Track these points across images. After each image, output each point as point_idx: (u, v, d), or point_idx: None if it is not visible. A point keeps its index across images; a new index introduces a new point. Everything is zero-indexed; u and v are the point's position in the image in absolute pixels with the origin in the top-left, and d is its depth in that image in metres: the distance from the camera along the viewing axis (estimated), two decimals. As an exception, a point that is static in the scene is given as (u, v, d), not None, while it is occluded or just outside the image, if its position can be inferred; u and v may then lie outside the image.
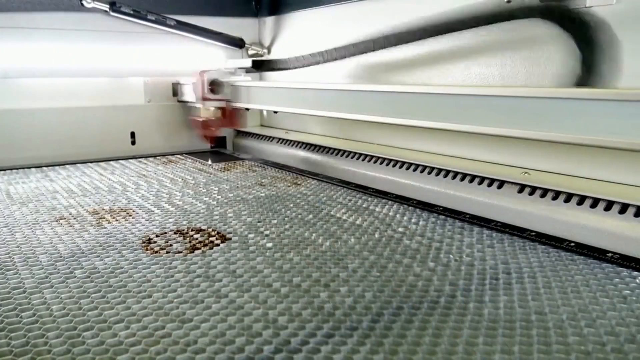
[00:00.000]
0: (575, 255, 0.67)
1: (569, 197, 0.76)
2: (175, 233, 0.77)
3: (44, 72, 1.34)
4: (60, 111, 1.36)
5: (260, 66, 1.49)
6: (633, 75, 0.75)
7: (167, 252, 0.69)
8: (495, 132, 0.75)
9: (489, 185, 0.87)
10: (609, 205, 0.71)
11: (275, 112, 1.51)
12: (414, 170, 1.01)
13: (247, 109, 1.54)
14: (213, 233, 0.76)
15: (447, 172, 0.94)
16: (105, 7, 1.36)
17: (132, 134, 1.47)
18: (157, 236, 0.75)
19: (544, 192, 0.79)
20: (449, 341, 0.46)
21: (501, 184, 0.85)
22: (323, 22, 1.37)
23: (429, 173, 0.98)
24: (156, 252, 0.69)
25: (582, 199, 0.74)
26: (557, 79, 0.84)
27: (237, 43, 1.59)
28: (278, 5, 1.55)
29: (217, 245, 0.71)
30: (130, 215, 0.86)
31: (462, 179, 0.91)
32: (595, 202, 0.73)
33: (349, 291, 0.56)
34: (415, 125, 0.88)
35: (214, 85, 1.38)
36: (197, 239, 0.74)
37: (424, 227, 0.79)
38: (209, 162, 1.36)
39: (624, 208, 0.70)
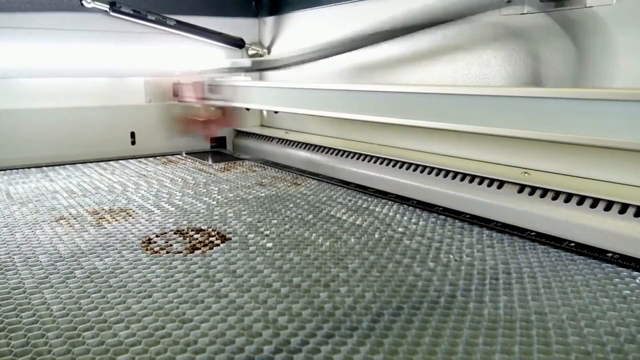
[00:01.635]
0: (575, 255, 0.67)
1: (569, 197, 0.76)
2: (175, 233, 0.77)
3: (44, 72, 1.34)
4: (60, 111, 1.36)
5: (260, 67, 1.51)
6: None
7: (167, 252, 0.69)
8: (495, 132, 0.75)
9: (489, 185, 0.87)
10: (609, 205, 0.71)
11: (276, 112, 1.51)
12: (414, 170, 1.01)
13: (248, 109, 1.55)
14: (213, 233, 0.76)
15: (447, 172, 0.94)
16: (105, 7, 1.36)
17: (132, 134, 1.47)
18: (157, 236, 0.75)
19: (544, 192, 0.79)
20: (449, 341, 0.46)
21: (501, 184, 0.85)
22: (323, 22, 1.37)
23: (429, 173, 0.98)
24: (156, 252, 0.69)
25: (582, 199, 0.74)
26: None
27: (237, 43, 1.59)
28: (278, 5, 1.55)
29: (217, 245, 0.71)
30: (130, 216, 0.86)
31: (462, 179, 0.91)
32: (595, 202, 0.73)
33: (349, 291, 0.56)
34: (416, 125, 0.87)
35: (212, 86, 1.40)
36: (197, 239, 0.74)
37: (424, 227, 0.79)
38: (209, 161, 1.37)
39: (624, 208, 0.70)
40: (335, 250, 0.69)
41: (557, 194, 0.78)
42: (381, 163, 1.09)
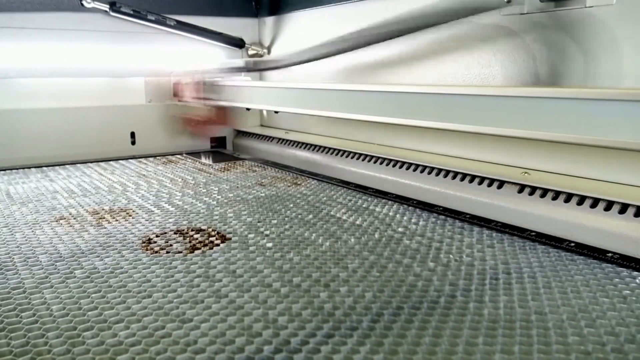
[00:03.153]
0: (575, 255, 0.67)
1: (569, 197, 0.76)
2: (175, 233, 0.77)
3: (44, 72, 1.34)
4: (60, 111, 1.36)
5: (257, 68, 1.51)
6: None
7: (167, 252, 0.69)
8: (495, 132, 0.75)
9: (489, 185, 0.87)
10: (609, 205, 0.71)
11: (276, 112, 1.51)
12: (414, 170, 1.01)
13: (248, 109, 1.54)
14: (213, 233, 0.76)
15: (447, 172, 0.94)
16: (105, 7, 1.36)
17: (132, 134, 1.47)
18: (157, 236, 0.75)
19: (544, 192, 0.79)
20: (449, 341, 0.46)
21: (501, 184, 0.85)
22: (323, 22, 1.37)
23: (429, 173, 0.98)
24: (156, 252, 0.69)
25: (582, 199, 0.74)
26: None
27: (237, 43, 1.59)
28: (278, 5, 1.55)
29: (217, 245, 0.71)
30: (130, 215, 0.86)
31: (462, 179, 0.91)
32: (595, 202, 0.73)
33: (349, 291, 0.56)
34: (416, 125, 0.88)
35: (212, 86, 1.41)
36: (197, 239, 0.74)
37: (424, 227, 0.79)
38: (209, 161, 1.37)
39: (624, 208, 0.70)
40: (335, 250, 0.69)
41: (557, 194, 0.78)
42: (381, 163, 1.09)
